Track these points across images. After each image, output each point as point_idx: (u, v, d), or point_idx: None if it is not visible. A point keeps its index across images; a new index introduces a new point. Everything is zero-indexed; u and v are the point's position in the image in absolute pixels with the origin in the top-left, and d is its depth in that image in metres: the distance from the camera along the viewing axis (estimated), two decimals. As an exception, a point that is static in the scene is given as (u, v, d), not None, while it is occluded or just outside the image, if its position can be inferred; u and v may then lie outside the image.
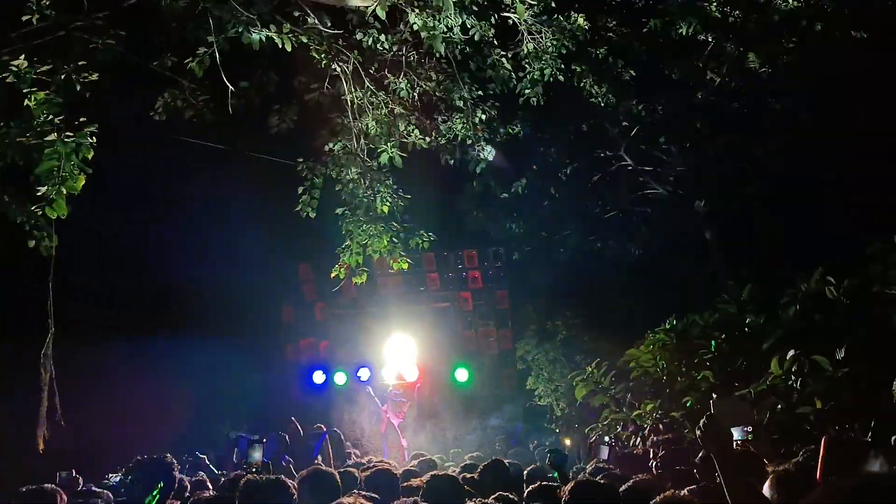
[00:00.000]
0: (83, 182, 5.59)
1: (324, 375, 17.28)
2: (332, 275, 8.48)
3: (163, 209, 15.31)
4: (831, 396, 5.60)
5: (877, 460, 2.20)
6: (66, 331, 6.71)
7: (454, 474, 5.33)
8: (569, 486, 3.66)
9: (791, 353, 5.96)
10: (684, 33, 12.10)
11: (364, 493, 4.71)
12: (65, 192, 5.39)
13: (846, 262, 6.61)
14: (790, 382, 5.93)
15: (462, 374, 16.92)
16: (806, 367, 5.78)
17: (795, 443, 5.36)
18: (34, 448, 6.11)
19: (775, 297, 7.24)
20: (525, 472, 5.78)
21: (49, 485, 4.38)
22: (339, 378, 16.97)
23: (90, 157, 5.55)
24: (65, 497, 4.22)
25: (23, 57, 5.20)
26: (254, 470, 5.25)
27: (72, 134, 5.36)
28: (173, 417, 14.36)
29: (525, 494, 4.42)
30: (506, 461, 5.96)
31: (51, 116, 5.38)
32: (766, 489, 3.55)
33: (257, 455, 5.59)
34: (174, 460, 4.53)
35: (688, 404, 7.64)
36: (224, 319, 16.37)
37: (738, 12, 11.92)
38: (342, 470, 5.31)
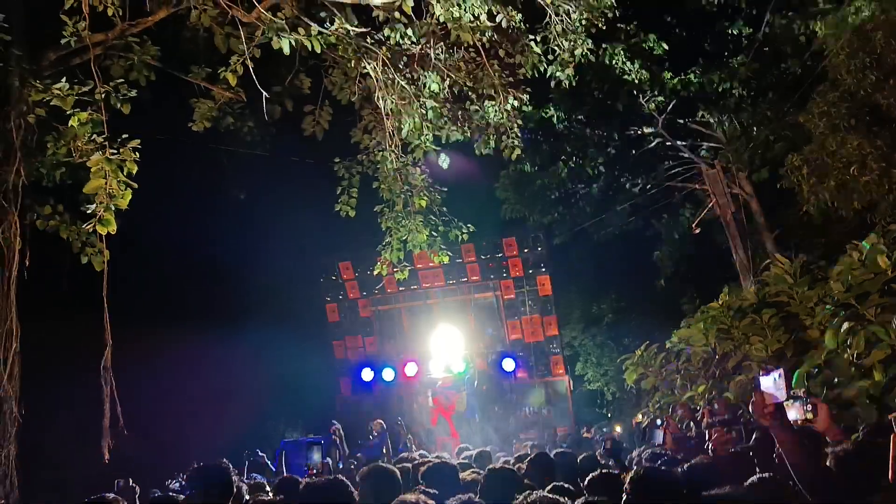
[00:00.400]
0: (129, 197, 5.72)
1: (372, 372, 17.45)
2: (375, 272, 8.54)
3: (210, 216, 15.59)
4: (891, 367, 5.43)
5: None
6: (124, 330, 6.89)
7: (510, 466, 5.32)
8: (629, 476, 3.62)
9: (846, 324, 5.79)
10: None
11: (424, 488, 4.73)
12: (113, 208, 5.52)
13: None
14: (846, 355, 5.77)
15: (509, 364, 16.90)
16: (863, 338, 5.61)
17: (856, 418, 5.23)
18: (99, 458, 6.31)
19: (826, 269, 7.06)
20: (578, 460, 5.72)
21: (110, 494, 4.50)
22: (388, 374, 17.13)
23: (134, 171, 5.69)
24: (125, 504, 4.33)
25: (64, 79, 5.34)
26: (314, 471, 5.33)
27: (116, 151, 5.49)
28: (228, 418, 14.68)
29: (585, 484, 4.38)
30: (556, 451, 5.92)
31: (94, 135, 5.52)
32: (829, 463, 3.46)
33: (317, 456, 5.67)
34: (230, 465, 4.59)
35: (739, 382, 7.51)
36: (272, 320, 16.63)
37: None
38: (399, 465, 5.32)
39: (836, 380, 5.95)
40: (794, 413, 2.76)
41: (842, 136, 10.75)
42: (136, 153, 5.67)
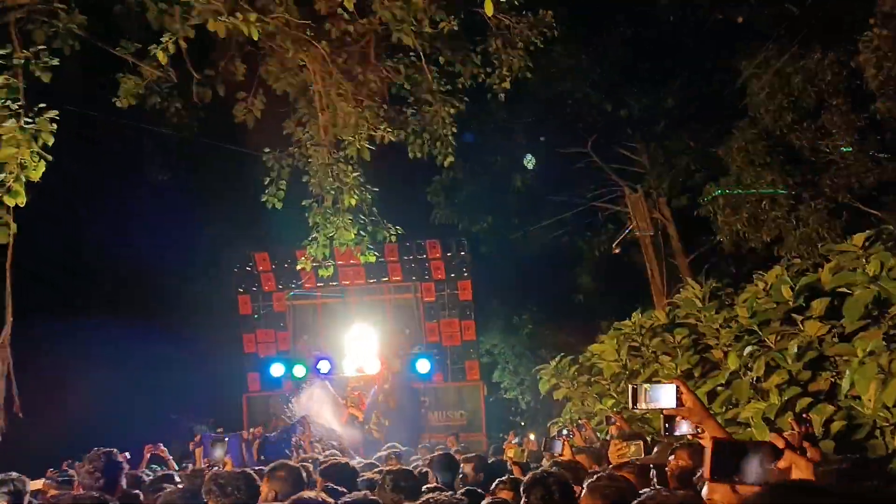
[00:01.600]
0: (43, 169, 5.47)
1: (283, 368, 17.10)
2: (299, 267, 8.45)
3: (119, 197, 15.02)
4: (786, 391, 5.77)
5: (755, 458, 2.28)
6: (23, 319, 6.59)
7: (409, 467, 5.38)
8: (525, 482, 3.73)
9: (749, 348, 6.12)
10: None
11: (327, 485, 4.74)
12: (24, 179, 5.26)
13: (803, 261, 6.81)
14: (747, 378, 6.09)
15: (423, 366, 16.92)
16: (763, 362, 5.94)
17: (750, 437, 5.51)
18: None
19: (733, 295, 7.43)
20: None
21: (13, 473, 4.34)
22: (299, 371, 16.79)
23: (50, 143, 5.44)
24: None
25: (-20, 40, 5.06)
26: (216, 468, 5.22)
27: (31, 120, 5.24)
28: (132, 408, 14.15)
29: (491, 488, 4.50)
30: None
31: (9, 102, 5.25)
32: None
33: (219, 452, 5.54)
34: (122, 454, 4.50)
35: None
36: (179, 309, 16.12)
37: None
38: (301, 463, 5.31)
39: (734, 399, 6.26)
40: (685, 427, 2.85)
41: (756, 171, 11.39)
42: (54, 124, 5.44)
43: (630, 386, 2.87)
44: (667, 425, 2.91)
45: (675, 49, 13.52)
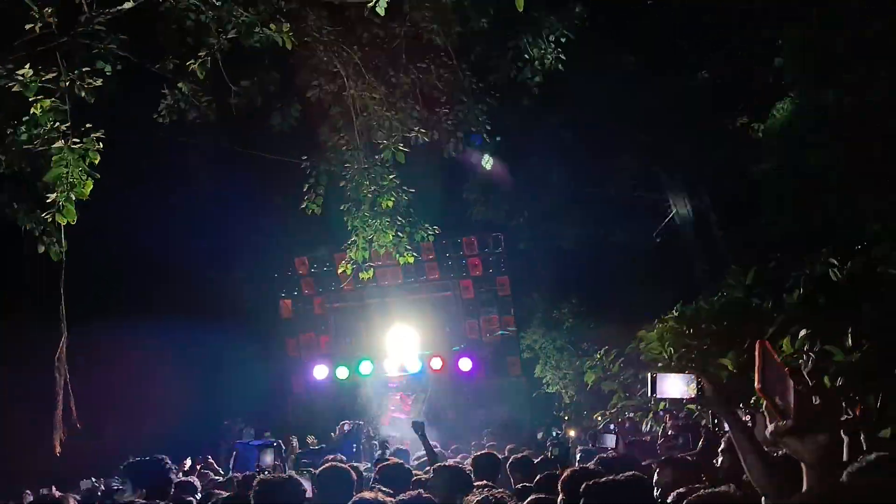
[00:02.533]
0: (91, 187, 5.63)
1: (326, 370, 17.26)
2: (339, 271, 8.54)
3: (167, 208, 15.36)
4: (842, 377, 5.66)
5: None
6: (79, 328, 6.79)
7: (458, 464, 5.42)
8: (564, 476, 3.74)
9: (803, 332, 6.00)
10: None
11: (381, 487, 4.79)
12: (74, 198, 5.43)
13: (851, 245, 6.65)
14: (800, 362, 5.98)
15: (466, 364, 16.90)
16: (818, 346, 5.82)
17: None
18: (51, 451, 6.19)
19: (781, 281, 7.28)
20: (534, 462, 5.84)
21: (57, 492, 4.46)
22: (342, 372, 16.90)
23: (97, 162, 5.60)
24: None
25: (28, 66, 5.23)
26: (266, 473, 5.32)
27: (78, 140, 5.40)
28: (185, 414, 14.46)
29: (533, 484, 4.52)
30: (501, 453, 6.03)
31: (57, 123, 5.42)
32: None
33: (269, 458, 5.64)
34: (167, 461, 4.57)
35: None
36: (224, 315, 16.38)
37: None
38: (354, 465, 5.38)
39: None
40: (678, 389, 2.76)
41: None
42: (100, 143, 5.59)
43: (649, 375, 2.83)
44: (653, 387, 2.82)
45: (710, 31, 13.22)
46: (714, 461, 4.16)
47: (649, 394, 2.81)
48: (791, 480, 2.42)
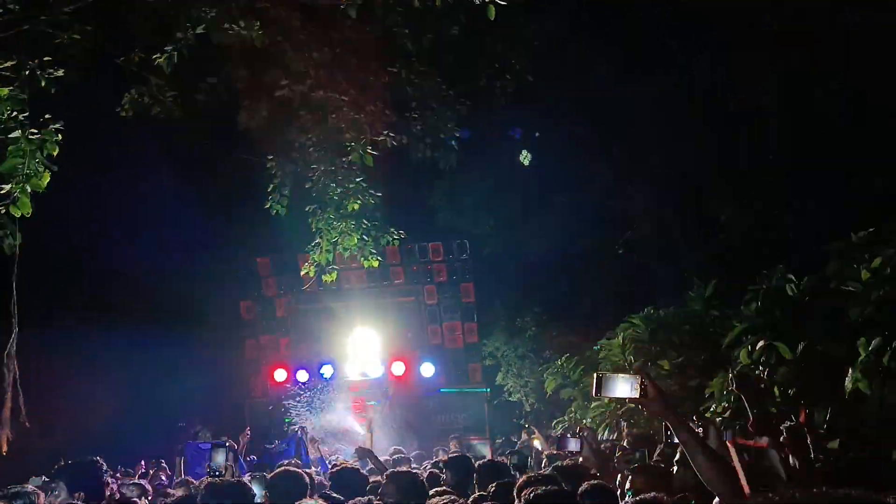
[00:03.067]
0: (48, 179, 5.49)
1: (285, 373, 17.06)
2: (302, 273, 8.47)
3: (123, 204, 15.04)
4: (793, 385, 5.82)
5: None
6: (28, 328, 6.60)
7: (412, 470, 5.40)
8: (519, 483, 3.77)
9: (760, 343, 6.14)
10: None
11: (329, 493, 4.75)
12: (29, 189, 5.28)
13: (809, 260, 6.84)
14: (757, 371, 6.12)
15: (428, 369, 16.88)
16: (773, 357, 5.97)
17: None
18: (-2, 450, 6.00)
19: (740, 294, 7.44)
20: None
21: (28, 485, 4.33)
22: (302, 375, 16.68)
23: (55, 154, 5.46)
24: (43, 498, 4.16)
25: (-14, 52, 5.08)
26: (217, 474, 5.23)
27: (37, 131, 5.26)
28: (138, 415, 14.15)
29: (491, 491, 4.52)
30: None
31: (15, 113, 5.26)
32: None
33: (220, 458, 5.55)
34: (103, 463, 4.46)
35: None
36: (183, 315, 16.10)
37: None
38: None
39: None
40: (625, 389, 2.80)
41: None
42: (59, 135, 5.45)
43: (595, 375, 2.87)
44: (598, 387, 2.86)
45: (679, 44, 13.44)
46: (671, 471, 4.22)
47: (594, 393, 2.85)
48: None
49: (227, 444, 9.12)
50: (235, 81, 7.72)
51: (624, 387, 2.74)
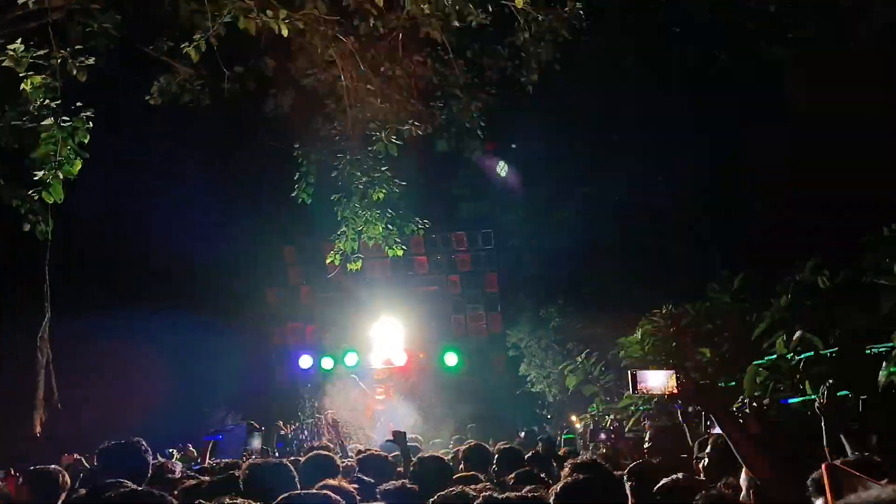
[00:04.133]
0: (80, 166, 5.57)
1: (311, 360, 17.22)
2: (328, 261, 8.51)
3: (152, 191, 15.23)
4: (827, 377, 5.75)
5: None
6: (61, 312, 6.74)
7: (440, 455, 5.42)
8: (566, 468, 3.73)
9: (798, 333, 6.07)
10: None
11: (358, 475, 4.79)
12: (61, 176, 5.37)
13: (836, 254, 6.74)
14: (794, 363, 6.05)
15: (451, 359, 16.92)
16: (814, 347, 5.89)
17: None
18: (31, 431, 6.14)
19: (768, 287, 7.35)
20: (526, 456, 5.86)
21: (54, 466, 4.41)
22: (327, 363, 16.89)
23: (86, 141, 5.54)
24: (68, 479, 4.24)
25: (19, 41, 5.16)
26: (254, 457, 5.30)
27: (68, 118, 5.34)
28: (166, 400, 14.38)
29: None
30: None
31: (47, 101, 5.35)
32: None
33: (257, 443, 5.63)
34: (145, 444, 4.53)
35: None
36: (209, 303, 16.28)
37: None
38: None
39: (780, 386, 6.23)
40: (658, 384, 2.80)
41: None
42: (90, 122, 5.53)
43: (629, 371, 2.87)
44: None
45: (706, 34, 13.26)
46: (695, 462, 4.18)
47: (630, 391, 2.84)
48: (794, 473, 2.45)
49: (263, 429, 9.25)
50: (262, 71, 7.76)
51: (661, 381, 2.74)
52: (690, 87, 13.32)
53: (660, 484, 2.73)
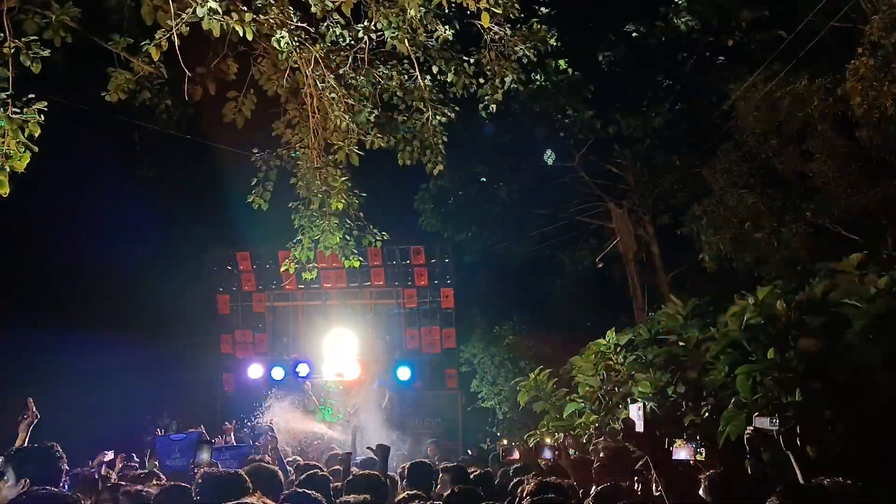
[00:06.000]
0: (28, 160, 5.40)
1: (261, 369, 16.89)
2: (282, 269, 8.39)
3: (99, 192, 14.82)
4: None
5: None
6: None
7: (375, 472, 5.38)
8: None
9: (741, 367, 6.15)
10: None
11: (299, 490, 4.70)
12: (8, 170, 5.19)
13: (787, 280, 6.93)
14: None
15: (404, 373, 16.78)
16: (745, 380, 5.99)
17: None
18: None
19: (714, 314, 7.51)
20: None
21: None
22: (277, 373, 16.51)
23: (37, 134, 5.37)
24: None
25: (-30, 28, 4.99)
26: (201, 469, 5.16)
27: (19, 110, 5.17)
28: (105, 408, 13.93)
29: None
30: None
31: (-3, 90, 5.18)
32: (701, 492, 3.71)
33: (206, 455, 5.50)
34: (59, 448, 4.36)
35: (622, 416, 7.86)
36: (157, 308, 15.88)
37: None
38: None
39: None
40: (683, 453, 2.88)
41: (739, 193, 11.53)
42: (42, 115, 5.37)
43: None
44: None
45: (665, 69, 13.67)
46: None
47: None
48: None
49: (212, 442, 8.98)
50: (223, 73, 7.65)
51: (688, 450, 2.79)
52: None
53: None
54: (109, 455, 8.44)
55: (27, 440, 4.61)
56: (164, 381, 15.53)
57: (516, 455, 6.06)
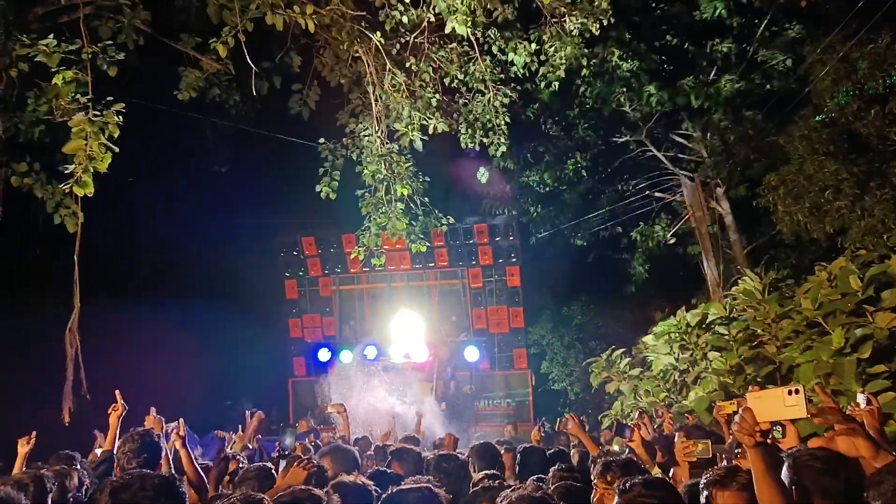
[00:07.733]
0: (109, 160, 5.64)
1: (329, 353, 17.13)
2: (352, 256, 8.52)
3: (177, 184, 15.33)
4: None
5: None
6: (89, 305, 6.83)
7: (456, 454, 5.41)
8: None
9: (859, 330, 5.90)
10: (708, 18, 12.06)
11: (381, 468, 4.80)
12: (92, 170, 5.44)
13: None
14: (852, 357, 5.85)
15: (472, 353, 16.74)
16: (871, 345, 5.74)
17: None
18: (60, 422, 6.24)
19: (793, 288, 7.24)
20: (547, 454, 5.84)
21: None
22: (345, 356, 16.68)
23: (116, 135, 5.60)
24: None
25: (51, 36, 5.23)
26: (287, 454, 5.33)
27: (99, 113, 5.40)
28: (184, 393, 14.48)
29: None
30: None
31: (78, 95, 5.42)
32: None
33: (290, 441, 5.67)
34: (158, 433, 4.58)
35: (698, 395, 7.69)
36: (227, 294, 16.32)
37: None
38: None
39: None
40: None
41: (819, 161, 11.00)
42: (120, 117, 5.60)
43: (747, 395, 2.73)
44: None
45: (735, 34, 13.12)
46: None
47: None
48: None
49: (296, 425, 9.24)
50: (288, 66, 7.79)
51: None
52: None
53: None
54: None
55: (118, 431, 4.87)
56: (238, 365, 15.99)
57: (571, 426, 5.98)
